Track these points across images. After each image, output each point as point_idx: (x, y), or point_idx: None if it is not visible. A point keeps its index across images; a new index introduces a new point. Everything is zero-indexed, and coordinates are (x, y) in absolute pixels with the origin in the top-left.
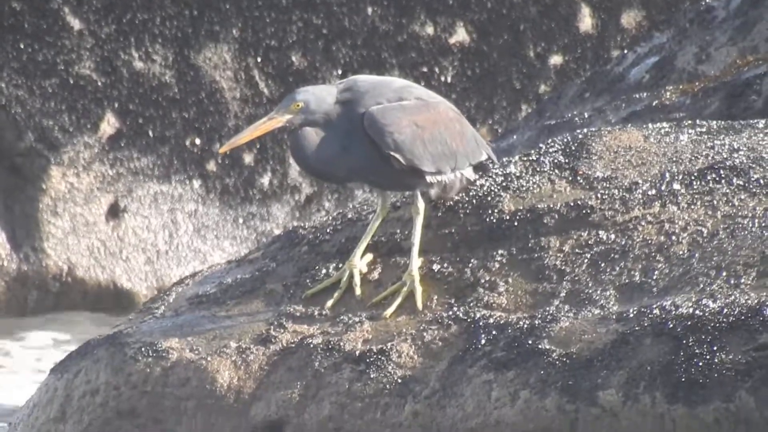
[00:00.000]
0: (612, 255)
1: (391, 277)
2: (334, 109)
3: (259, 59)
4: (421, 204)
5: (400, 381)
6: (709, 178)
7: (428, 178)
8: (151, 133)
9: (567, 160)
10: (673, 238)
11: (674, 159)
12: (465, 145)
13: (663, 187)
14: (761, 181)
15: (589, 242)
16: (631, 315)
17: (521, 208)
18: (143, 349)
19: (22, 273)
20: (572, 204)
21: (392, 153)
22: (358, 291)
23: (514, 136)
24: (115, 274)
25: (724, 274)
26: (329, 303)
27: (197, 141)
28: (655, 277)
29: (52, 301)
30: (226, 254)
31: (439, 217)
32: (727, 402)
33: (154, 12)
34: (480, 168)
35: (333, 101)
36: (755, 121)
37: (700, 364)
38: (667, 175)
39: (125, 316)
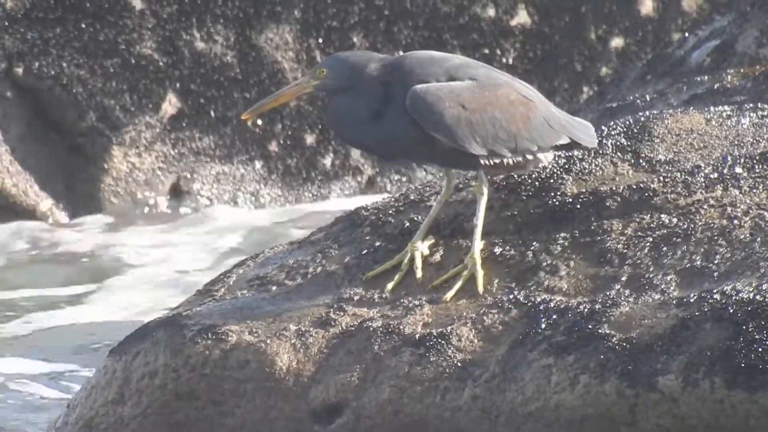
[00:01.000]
0: (674, 239)
1: (453, 259)
2: (369, 77)
3: (320, 40)
4: (485, 185)
5: (459, 365)
6: None
7: (482, 161)
8: (212, 114)
9: (629, 143)
10: (735, 222)
11: (736, 142)
12: (530, 128)
13: (725, 171)
14: None
15: (651, 226)
16: (692, 300)
17: (584, 190)
18: (202, 331)
19: None
20: (634, 187)
21: (433, 133)
22: (418, 274)
23: None
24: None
25: None
26: (389, 286)
27: (259, 121)
28: (716, 262)
29: None
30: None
31: (501, 199)
32: None
33: None
34: (569, 149)
35: (368, 69)
36: None
37: (760, 349)
38: (729, 158)
39: (186, 298)
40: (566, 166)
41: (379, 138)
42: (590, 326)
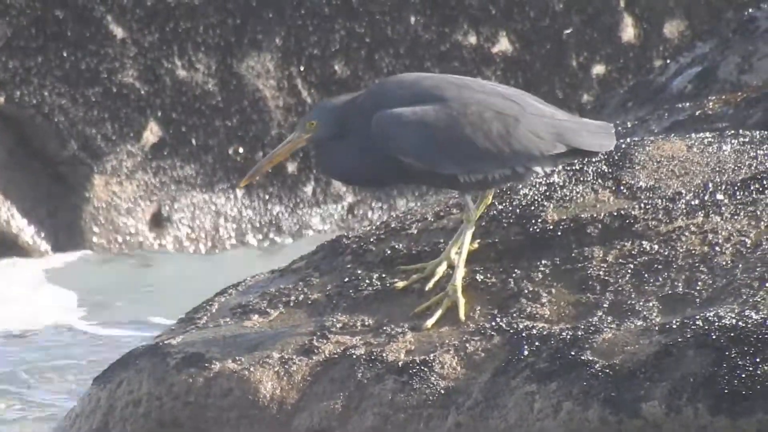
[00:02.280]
0: (655, 265)
1: (435, 287)
2: (352, 117)
3: (302, 68)
4: (472, 212)
5: (443, 392)
6: (752, 188)
7: (460, 179)
8: (194, 142)
9: (610, 170)
10: (717, 248)
11: (717, 169)
12: (510, 142)
13: (706, 197)
14: None
15: (633, 252)
16: (674, 326)
17: (564, 217)
18: (185, 359)
19: None
20: (615, 214)
21: (401, 157)
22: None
23: None
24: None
25: None
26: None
27: (240, 150)
28: (698, 288)
29: None
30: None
31: (482, 226)
32: None
33: (197, 20)
34: (582, 156)
35: (349, 110)
36: None
37: (743, 375)
38: (710, 185)
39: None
40: (547, 194)
41: (366, 171)
42: (573, 353)
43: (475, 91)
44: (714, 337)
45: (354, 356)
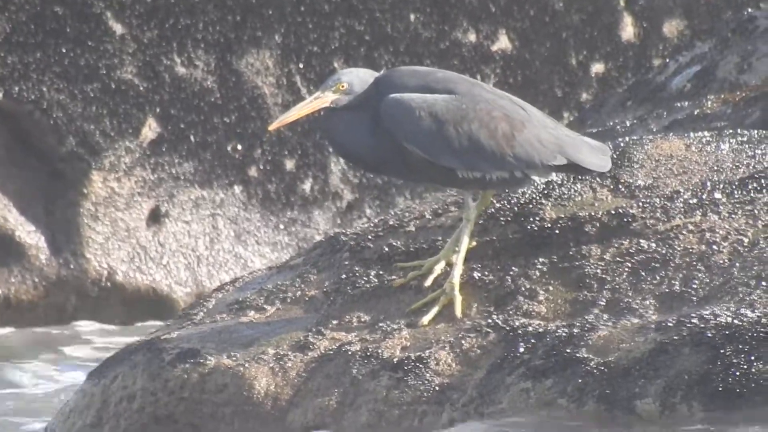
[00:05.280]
0: (652, 264)
1: (432, 283)
2: (369, 93)
3: (301, 65)
4: (471, 211)
5: (437, 388)
6: (750, 187)
7: (459, 174)
8: (192, 139)
9: (609, 168)
10: (714, 247)
11: (715, 168)
12: (513, 145)
13: (704, 196)
14: None
15: (630, 251)
16: (670, 324)
17: (562, 216)
18: (181, 355)
19: (61, 278)
20: (613, 212)
21: (405, 144)
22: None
23: None
24: (155, 279)
25: (764, 283)
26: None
27: (239, 146)
28: (695, 287)
29: (91, 307)
30: (266, 260)
31: (480, 224)
32: None
33: (196, 17)
34: (578, 172)
35: (369, 89)
36: None
37: (738, 373)
38: (708, 184)
39: (164, 322)
40: (545, 192)
41: (371, 151)
42: (568, 350)
43: (486, 91)
44: (710, 335)
45: (349, 352)
